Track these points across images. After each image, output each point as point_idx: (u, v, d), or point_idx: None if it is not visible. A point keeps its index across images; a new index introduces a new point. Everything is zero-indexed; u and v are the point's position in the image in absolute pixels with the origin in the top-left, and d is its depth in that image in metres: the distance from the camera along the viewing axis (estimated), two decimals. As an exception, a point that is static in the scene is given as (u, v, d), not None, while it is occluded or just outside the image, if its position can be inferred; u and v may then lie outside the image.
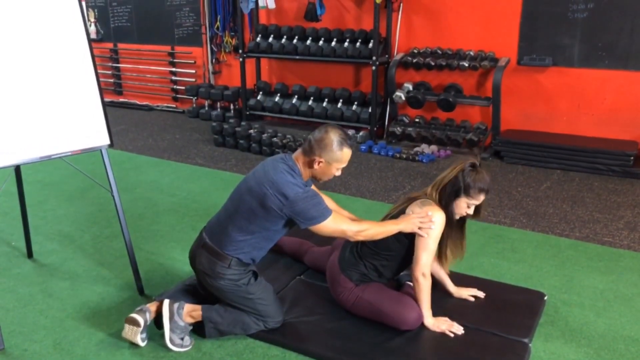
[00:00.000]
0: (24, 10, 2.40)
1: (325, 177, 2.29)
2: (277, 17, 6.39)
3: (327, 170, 2.24)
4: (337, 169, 2.25)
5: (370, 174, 4.75)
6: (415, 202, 2.33)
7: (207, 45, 7.02)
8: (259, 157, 5.23)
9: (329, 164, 2.21)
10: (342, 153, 2.21)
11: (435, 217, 2.25)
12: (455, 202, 2.28)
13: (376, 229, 2.28)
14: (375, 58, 5.51)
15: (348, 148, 2.22)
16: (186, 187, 4.40)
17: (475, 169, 2.27)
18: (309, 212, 2.17)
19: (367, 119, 5.73)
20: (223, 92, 6.72)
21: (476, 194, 2.26)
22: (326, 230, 2.22)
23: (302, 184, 2.21)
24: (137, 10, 7.53)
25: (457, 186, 2.25)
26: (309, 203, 2.16)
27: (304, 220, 2.18)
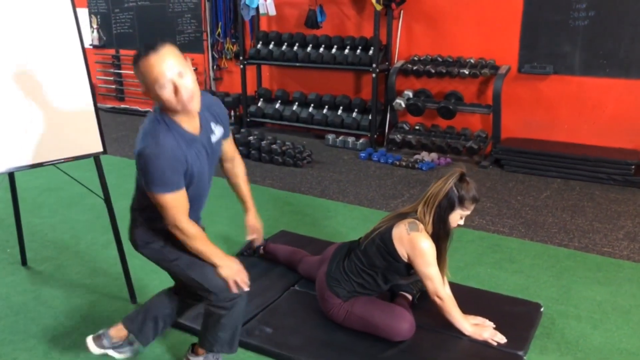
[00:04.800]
0: (17, 17, 2.40)
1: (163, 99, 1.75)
2: (277, 24, 6.39)
3: (156, 98, 1.73)
4: (160, 88, 1.69)
5: (369, 181, 4.72)
6: (403, 222, 2.29)
7: (208, 51, 7.03)
8: (258, 164, 5.22)
9: (145, 85, 1.73)
10: (143, 64, 1.68)
11: (424, 244, 2.22)
12: (450, 215, 2.26)
13: (205, 248, 1.92)
14: (376, 65, 5.50)
15: (154, 53, 1.67)
16: (184, 194, 4.38)
17: (464, 180, 2.25)
18: (144, 174, 1.75)
19: (367, 126, 5.72)
20: (224, 98, 6.72)
21: (470, 204, 2.25)
22: (153, 201, 1.80)
23: (157, 136, 1.72)
24: (139, 17, 7.56)
25: (452, 200, 2.23)
26: (151, 165, 1.71)
27: (144, 182, 1.78)
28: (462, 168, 2.30)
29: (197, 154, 1.83)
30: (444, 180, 2.27)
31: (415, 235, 2.24)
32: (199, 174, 1.86)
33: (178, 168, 1.75)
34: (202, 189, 1.95)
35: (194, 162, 1.81)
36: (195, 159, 1.82)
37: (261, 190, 4.51)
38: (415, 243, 2.23)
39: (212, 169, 1.98)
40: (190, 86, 1.70)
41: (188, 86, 1.70)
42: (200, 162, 1.85)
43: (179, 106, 1.71)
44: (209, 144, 1.89)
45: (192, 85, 1.71)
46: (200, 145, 1.85)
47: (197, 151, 1.83)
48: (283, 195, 4.39)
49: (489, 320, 2.42)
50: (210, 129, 1.91)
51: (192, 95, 1.71)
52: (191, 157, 1.80)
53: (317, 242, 3.29)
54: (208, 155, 1.90)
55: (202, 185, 1.92)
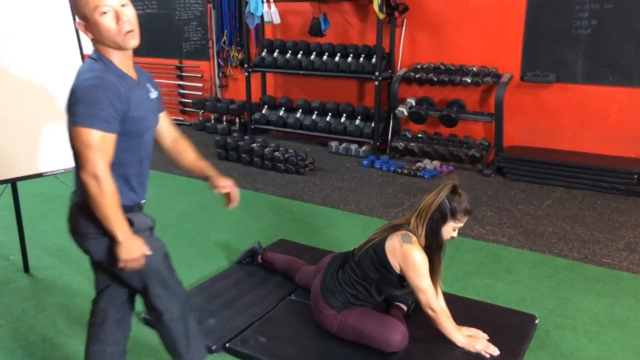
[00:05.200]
0: (19, 26, 2.45)
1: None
2: (282, 32, 6.44)
3: (95, 28, 1.61)
4: (100, 15, 1.59)
5: (370, 189, 4.74)
6: (396, 234, 2.30)
7: (214, 59, 7.10)
8: (261, 172, 5.25)
9: (84, 16, 1.61)
10: None
11: (417, 256, 2.24)
12: (443, 228, 2.27)
13: (114, 215, 1.61)
14: (378, 73, 5.52)
15: None
16: (186, 202, 4.43)
17: (457, 192, 2.26)
18: (75, 107, 1.56)
19: (370, 134, 5.74)
20: (229, 105, 6.78)
21: (462, 217, 2.26)
22: (76, 144, 1.58)
23: (96, 71, 1.60)
24: (146, 25, 7.63)
25: (444, 212, 2.24)
26: (88, 97, 1.55)
27: (71, 117, 1.58)
28: (456, 180, 2.31)
29: (139, 99, 1.68)
30: (436, 192, 2.28)
31: (408, 248, 2.25)
32: (143, 123, 1.70)
33: (116, 105, 1.57)
34: (147, 147, 1.77)
35: (137, 106, 1.66)
36: (139, 104, 1.67)
37: (262, 197, 4.54)
38: (408, 255, 2.24)
39: (155, 128, 1.85)
40: (132, 18, 1.63)
41: (130, 16, 1.62)
42: (144, 110, 1.71)
43: (118, 37, 1.60)
44: (149, 98, 1.77)
45: (134, 18, 1.64)
46: (143, 93, 1.73)
47: (139, 96, 1.69)
48: (284, 203, 4.41)
49: (483, 332, 2.43)
50: (146, 86, 1.79)
51: (133, 29, 1.63)
52: (133, 99, 1.64)
53: (315, 251, 3.31)
54: (153, 110, 1.79)
55: (147, 140, 1.76)
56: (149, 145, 1.79)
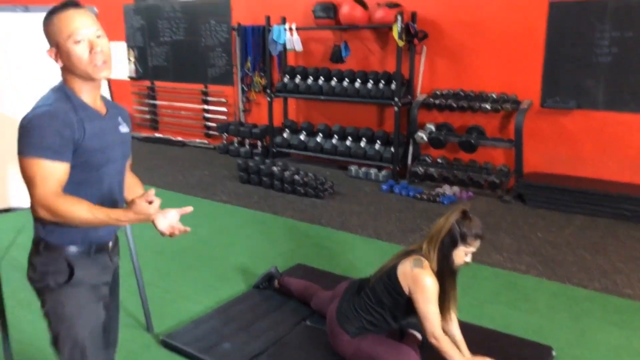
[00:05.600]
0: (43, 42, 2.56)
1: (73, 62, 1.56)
2: (304, 58, 6.58)
3: (66, 56, 1.55)
4: (73, 43, 1.53)
5: (389, 214, 4.76)
6: (409, 259, 2.34)
7: (238, 84, 7.27)
8: (281, 195, 5.33)
9: (55, 42, 1.56)
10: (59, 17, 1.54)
11: (426, 281, 2.26)
12: (454, 252, 2.29)
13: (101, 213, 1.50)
14: (398, 99, 5.59)
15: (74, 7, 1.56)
16: (207, 225, 4.52)
17: (467, 216, 2.28)
18: (22, 138, 1.50)
19: (390, 158, 5.78)
20: (251, 129, 6.92)
21: (473, 241, 2.27)
22: (23, 175, 1.51)
23: (50, 100, 1.54)
24: (174, 51, 7.89)
25: (454, 237, 2.27)
26: (33, 127, 1.48)
27: (18, 149, 1.52)
28: (467, 205, 2.34)
29: (100, 131, 1.60)
30: (446, 217, 2.31)
31: (419, 272, 2.27)
32: (101, 155, 1.60)
33: (65, 133, 1.49)
34: (109, 180, 1.66)
35: (95, 137, 1.58)
36: (98, 134, 1.59)
37: (281, 221, 4.60)
38: (418, 279, 2.27)
39: (121, 162, 1.72)
40: (106, 49, 1.57)
41: (104, 48, 1.57)
42: (105, 142, 1.61)
43: (89, 67, 1.54)
44: (117, 131, 1.69)
45: (108, 49, 1.58)
46: (107, 125, 1.65)
47: (100, 128, 1.61)
48: (303, 227, 4.47)
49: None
50: (117, 120, 1.72)
51: (106, 60, 1.57)
52: (90, 129, 1.56)
53: (332, 277, 3.35)
54: (119, 143, 1.69)
55: (108, 173, 1.65)
56: (112, 179, 1.68)
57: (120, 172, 1.74)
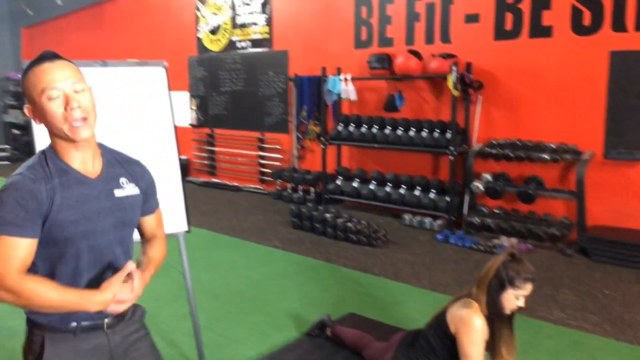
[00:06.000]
0: (120, 94, 2.74)
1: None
2: (358, 107, 6.70)
3: (41, 114, 1.39)
4: (47, 99, 1.37)
5: (444, 265, 4.65)
6: (457, 302, 2.29)
7: (293, 132, 7.46)
8: (333, 242, 5.33)
9: (31, 101, 1.40)
10: (34, 72, 1.38)
11: (474, 321, 2.19)
12: (503, 296, 2.22)
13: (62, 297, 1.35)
14: (453, 148, 5.56)
15: (49, 61, 1.39)
16: (260, 270, 4.56)
17: (515, 259, 2.22)
18: None
19: (445, 208, 5.70)
20: (305, 176, 7.03)
21: (522, 284, 2.19)
22: None
23: (23, 167, 1.41)
24: (233, 100, 8.23)
25: (502, 279, 2.20)
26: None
27: None
28: (516, 250, 2.28)
29: (77, 200, 1.40)
30: (493, 260, 2.26)
31: (466, 312, 2.22)
32: (73, 228, 1.39)
33: (29, 206, 1.33)
34: (100, 254, 1.46)
35: (66, 206, 1.38)
36: (72, 205, 1.39)
37: (334, 269, 4.59)
38: (466, 319, 2.21)
39: (118, 232, 1.50)
40: (86, 105, 1.38)
41: (83, 103, 1.37)
42: (81, 212, 1.41)
43: (65, 126, 1.36)
44: (110, 196, 1.47)
45: (89, 105, 1.39)
46: (95, 192, 1.44)
47: (83, 196, 1.42)
48: (355, 275, 4.43)
49: None
50: (116, 181, 1.51)
51: (86, 117, 1.38)
52: (62, 199, 1.38)
53: (385, 328, 3.28)
54: (110, 210, 1.47)
55: (97, 245, 1.45)
56: (102, 253, 1.47)
57: (122, 243, 1.52)
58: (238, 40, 7.98)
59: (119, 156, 1.58)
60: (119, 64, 2.81)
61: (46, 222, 1.36)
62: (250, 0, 7.70)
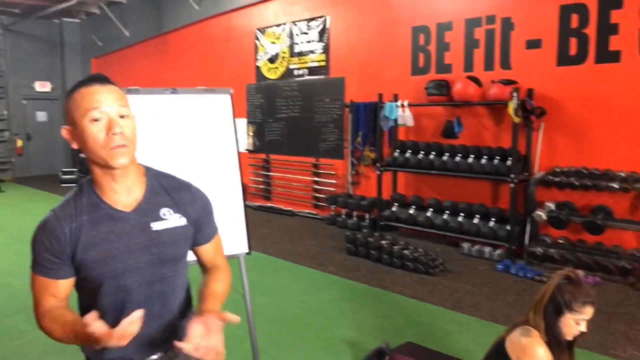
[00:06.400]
0: (188, 120, 2.85)
1: None
2: (415, 133, 6.66)
3: (80, 137, 1.32)
4: (89, 121, 1.31)
5: (505, 296, 4.49)
6: (516, 330, 2.18)
7: (348, 158, 7.48)
8: (389, 269, 5.25)
9: (71, 122, 1.33)
10: (80, 92, 1.32)
11: (537, 351, 2.07)
12: (561, 321, 2.09)
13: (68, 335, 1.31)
14: (514, 175, 5.40)
15: (98, 83, 1.33)
16: (315, 295, 4.54)
17: (571, 282, 2.09)
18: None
19: (505, 237, 5.52)
20: (360, 202, 7.01)
21: (581, 308, 2.05)
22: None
23: (58, 206, 1.38)
24: (288, 126, 8.38)
25: (558, 304, 2.08)
26: (32, 239, 1.39)
27: None
28: (573, 271, 2.14)
29: (111, 237, 1.35)
30: (548, 283, 2.13)
31: (527, 342, 2.10)
32: (103, 267, 1.34)
33: (53, 248, 1.33)
34: (135, 292, 1.39)
35: (91, 245, 1.33)
36: (98, 243, 1.34)
37: (390, 296, 4.51)
38: (527, 348, 2.09)
39: (157, 270, 1.40)
40: (129, 132, 1.32)
41: (126, 130, 1.31)
42: (108, 251, 1.34)
43: (103, 151, 1.29)
44: (145, 231, 1.38)
45: (131, 133, 1.33)
46: (127, 227, 1.36)
47: (112, 234, 1.35)
48: (412, 304, 4.33)
49: None
50: (156, 213, 1.40)
51: (127, 145, 1.31)
52: (87, 238, 1.33)
53: (444, 358, 3.18)
54: (144, 247, 1.38)
55: (130, 285, 1.37)
56: (138, 292, 1.39)
57: (163, 281, 1.42)
58: (295, 68, 8.15)
59: (168, 182, 1.46)
60: (188, 91, 2.93)
61: (74, 261, 1.34)
62: (308, 29, 7.88)
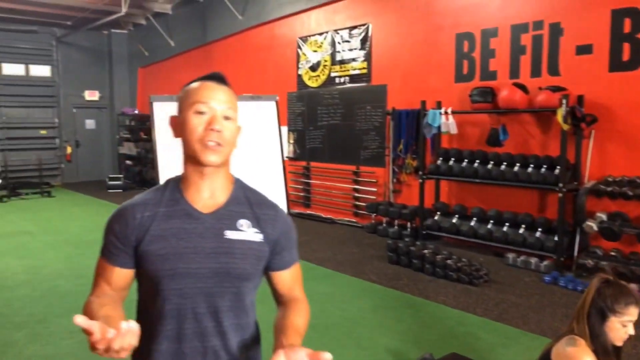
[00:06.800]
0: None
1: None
2: (458, 141, 6.55)
3: (181, 126, 1.34)
4: (194, 112, 1.30)
5: (553, 309, 4.33)
6: (561, 341, 2.09)
7: (389, 166, 7.42)
8: (432, 279, 5.16)
9: (179, 110, 1.35)
10: (195, 85, 1.35)
11: (583, 359, 1.97)
12: (606, 326, 1.99)
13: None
14: (562, 185, 5.23)
15: (215, 82, 1.34)
16: (357, 303, 4.50)
17: (610, 284, 1.98)
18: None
19: (553, 248, 5.34)
20: (401, 210, 6.93)
21: (625, 309, 1.95)
22: None
23: (142, 194, 1.36)
24: (329, 134, 8.39)
25: (601, 309, 1.98)
26: (107, 222, 1.37)
27: None
28: (611, 272, 2.03)
29: (180, 234, 1.28)
30: (588, 289, 2.03)
31: (573, 351, 2.01)
32: (164, 263, 1.26)
33: (121, 232, 1.29)
34: (190, 302, 1.28)
35: (158, 237, 1.27)
36: (166, 237, 1.27)
37: (433, 306, 4.43)
38: (574, 358, 1.99)
39: (221, 283, 1.30)
40: (228, 135, 1.30)
41: (226, 131, 1.29)
42: (174, 247, 1.27)
43: (197, 145, 1.27)
44: (218, 236, 1.30)
45: (230, 137, 1.31)
46: (200, 228, 1.29)
47: (183, 231, 1.28)
48: (456, 314, 4.24)
49: None
50: (233, 222, 1.33)
51: (222, 145, 1.28)
52: (157, 229, 1.28)
53: (492, 371, 3.09)
54: (213, 253, 1.29)
55: (186, 291, 1.27)
56: (193, 302, 1.28)
57: (224, 297, 1.30)
58: (337, 75, 8.17)
59: (254, 196, 1.40)
60: (269, 97, 2.98)
61: (137, 252, 1.28)
62: (350, 37, 7.89)
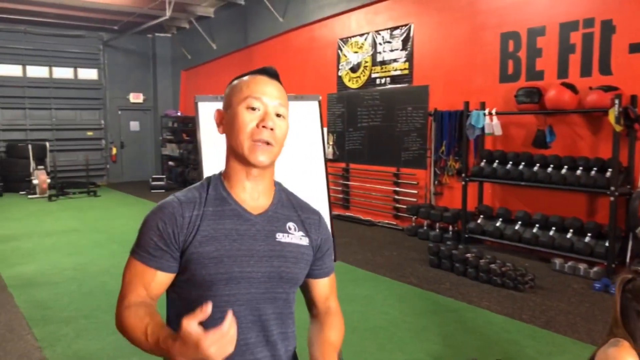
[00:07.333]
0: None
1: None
2: (503, 143, 6.39)
3: (230, 121, 1.27)
4: (245, 108, 1.24)
5: (605, 317, 4.16)
6: (605, 345, 1.99)
7: (431, 168, 7.31)
8: (475, 283, 5.04)
9: (227, 106, 1.30)
10: (245, 79, 1.29)
11: (625, 359, 1.88)
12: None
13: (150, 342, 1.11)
14: (614, 188, 5.02)
15: (267, 75, 1.29)
16: (398, 306, 4.44)
17: (635, 282, 1.88)
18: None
19: (604, 254, 5.13)
20: (443, 213, 6.81)
21: None
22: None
23: (184, 192, 1.28)
24: (369, 135, 8.34)
25: (632, 308, 1.87)
26: (143, 220, 1.25)
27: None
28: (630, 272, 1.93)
29: (233, 235, 1.21)
30: (615, 293, 1.94)
31: (615, 351, 1.90)
32: (218, 266, 1.18)
33: (165, 232, 1.19)
34: (241, 307, 1.21)
35: (210, 238, 1.20)
36: (218, 238, 1.20)
37: (476, 311, 4.32)
38: (615, 358, 1.89)
39: (272, 287, 1.25)
40: (279, 133, 1.25)
41: (277, 130, 1.24)
42: (227, 249, 1.20)
43: (247, 142, 1.22)
44: (270, 239, 1.25)
45: (281, 135, 1.26)
46: (252, 230, 1.24)
47: (236, 232, 1.22)
48: (500, 320, 4.12)
49: None
50: (282, 224, 1.29)
51: (272, 145, 1.24)
52: (208, 229, 1.20)
53: (540, 381, 2.99)
54: (266, 256, 1.23)
55: (239, 297, 1.21)
56: (244, 308, 1.21)
57: (273, 302, 1.26)
58: (378, 76, 8.11)
59: (296, 200, 1.37)
60: (311, 97, 2.97)
61: (184, 254, 1.19)
62: (392, 38, 7.83)
